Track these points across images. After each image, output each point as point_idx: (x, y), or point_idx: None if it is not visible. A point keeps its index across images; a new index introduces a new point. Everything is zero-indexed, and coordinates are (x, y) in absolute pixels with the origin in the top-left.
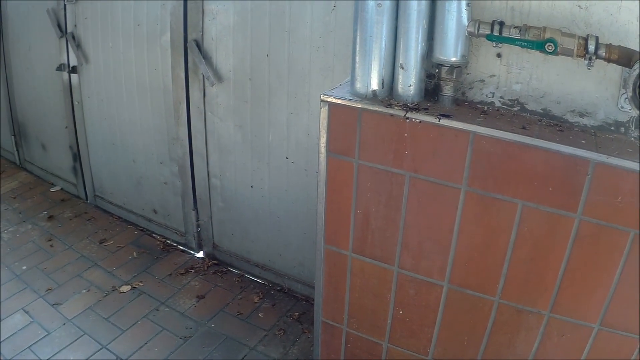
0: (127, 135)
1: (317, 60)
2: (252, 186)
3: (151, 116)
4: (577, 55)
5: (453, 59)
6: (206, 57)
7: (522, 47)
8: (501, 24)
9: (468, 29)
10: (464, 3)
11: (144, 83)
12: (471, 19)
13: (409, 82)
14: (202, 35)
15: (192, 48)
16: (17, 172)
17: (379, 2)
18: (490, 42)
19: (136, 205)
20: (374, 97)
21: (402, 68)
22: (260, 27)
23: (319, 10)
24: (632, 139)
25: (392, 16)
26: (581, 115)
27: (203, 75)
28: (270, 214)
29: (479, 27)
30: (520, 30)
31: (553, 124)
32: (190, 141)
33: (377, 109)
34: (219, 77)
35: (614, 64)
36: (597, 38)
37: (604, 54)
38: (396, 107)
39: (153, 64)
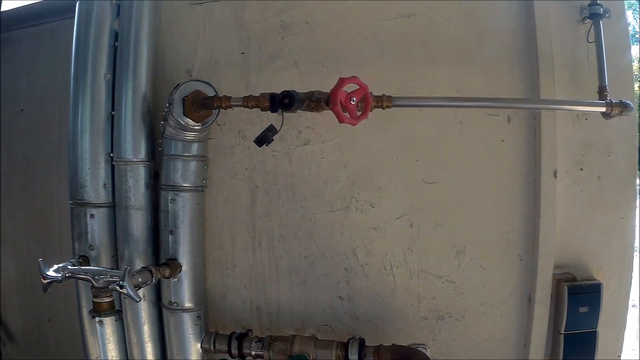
0: None
1: None
2: None
3: None
4: None
5: None
6: None
7: None
8: (241, 336)
9: (202, 346)
10: (191, 316)
11: None
12: (206, 332)
13: None
14: None
15: None
16: None
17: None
18: None
19: None
20: None
21: None
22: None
23: None
24: None
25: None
26: None
27: None
28: None
29: (214, 342)
30: (263, 345)
31: None
32: None
33: None
34: (10, 338)
35: None
36: (361, 341)
37: (372, 358)
38: None
39: None
